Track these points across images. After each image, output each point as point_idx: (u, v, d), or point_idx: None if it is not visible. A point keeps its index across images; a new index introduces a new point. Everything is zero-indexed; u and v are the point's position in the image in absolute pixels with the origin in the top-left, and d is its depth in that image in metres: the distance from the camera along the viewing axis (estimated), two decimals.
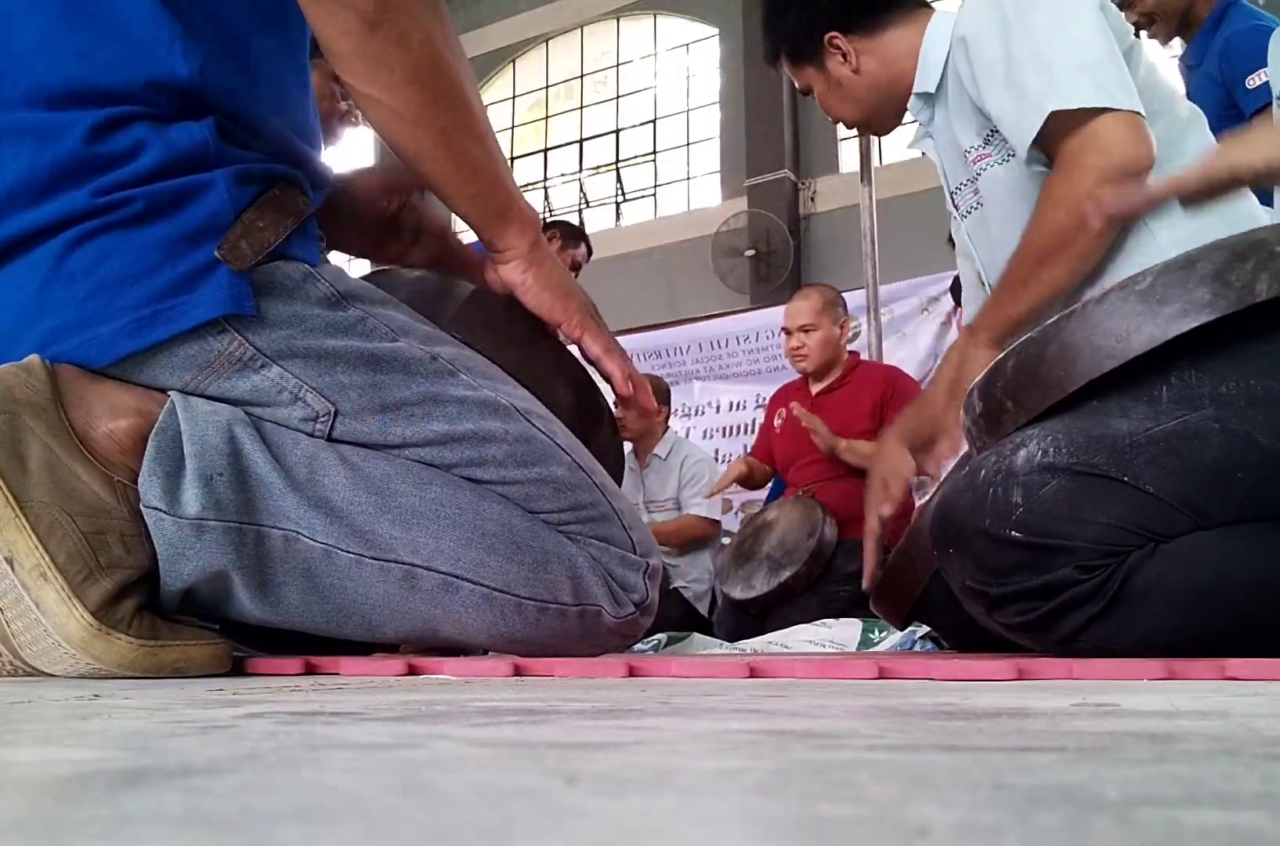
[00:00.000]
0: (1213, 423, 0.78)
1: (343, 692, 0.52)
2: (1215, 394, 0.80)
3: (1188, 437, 0.78)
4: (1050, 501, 0.79)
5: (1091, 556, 0.78)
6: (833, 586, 2.49)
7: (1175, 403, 0.80)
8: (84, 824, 0.17)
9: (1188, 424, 0.79)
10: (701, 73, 7.85)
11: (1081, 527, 0.78)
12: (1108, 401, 0.82)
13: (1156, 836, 0.16)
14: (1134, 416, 0.80)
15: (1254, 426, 0.78)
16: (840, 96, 1.41)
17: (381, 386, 0.80)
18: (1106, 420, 0.81)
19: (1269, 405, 0.79)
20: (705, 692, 0.50)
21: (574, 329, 0.94)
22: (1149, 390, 0.82)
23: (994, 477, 0.81)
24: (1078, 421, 0.82)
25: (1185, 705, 0.41)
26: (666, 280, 7.16)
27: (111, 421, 0.71)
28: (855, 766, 0.24)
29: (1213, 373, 0.81)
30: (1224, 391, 0.80)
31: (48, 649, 0.65)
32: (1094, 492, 0.78)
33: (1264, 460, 0.77)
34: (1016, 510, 0.79)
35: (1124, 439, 0.79)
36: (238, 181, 0.76)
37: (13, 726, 0.37)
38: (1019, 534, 0.79)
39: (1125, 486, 0.78)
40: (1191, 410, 0.79)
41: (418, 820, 0.18)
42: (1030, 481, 0.79)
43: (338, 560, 0.75)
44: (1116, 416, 0.81)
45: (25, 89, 0.75)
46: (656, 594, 0.89)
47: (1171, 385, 0.81)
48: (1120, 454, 0.78)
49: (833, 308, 2.88)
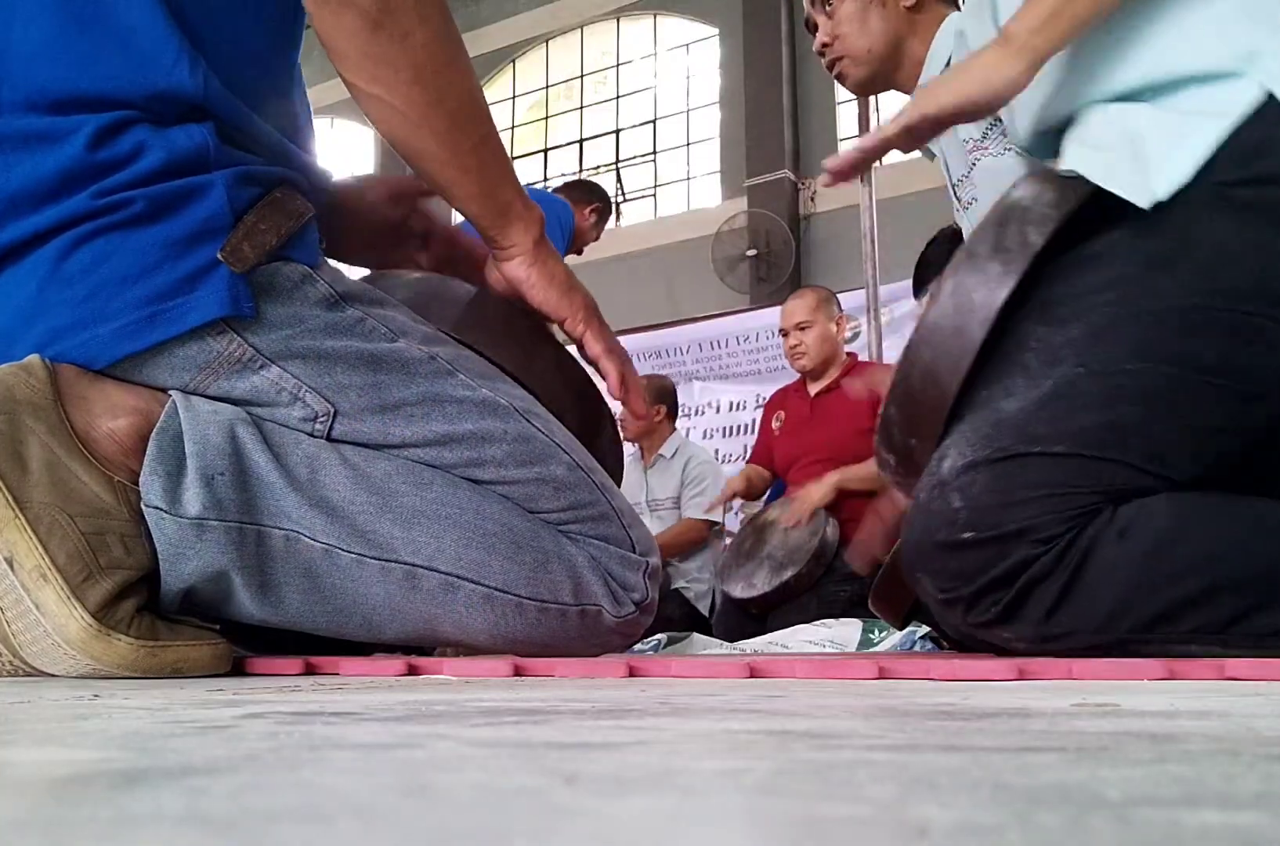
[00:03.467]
0: (1079, 369, 0.83)
1: (343, 692, 0.52)
2: (1069, 341, 0.84)
3: (1066, 392, 0.82)
4: (985, 494, 0.81)
5: (1042, 530, 0.79)
6: (833, 586, 2.49)
7: (1044, 364, 0.84)
8: (84, 824, 0.17)
9: (1061, 380, 0.83)
10: (701, 73, 7.84)
11: (1021, 508, 0.80)
12: (993, 388, 0.86)
13: (1156, 836, 0.16)
14: (1017, 392, 0.84)
15: (1112, 357, 0.82)
16: (868, 23, 1.39)
17: (381, 387, 0.80)
18: (998, 405, 0.84)
19: (1112, 332, 0.83)
20: (705, 692, 0.50)
21: (576, 326, 0.95)
22: (1019, 362, 0.86)
23: (932, 493, 0.84)
24: (977, 416, 0.85)
25: (1185, 705, 0.41)
26: (666, 280, 7.16)
27: (112, 421, 0.71)
28: (855, 766, 0.24)
29: (1057, 322, 0.85)
30: (1074, 335, 0.84)
31: (48, 649, 0.65)
32: (1017, 473, 0.81)
33: (1135, 384, 0.82)
34: (960, 513, 0.82)
35: (1019, 415, 0.83)
36: (237, 183, 0.77)
37: (13, 726, 0.37)
38: (970, 533, 0.81)
39: (1039, 457, 0.81)
40: (1059, 365, 0.83)
41: (418, 820, 0.18)
42: (962, 484, 0.82)
43: (338, 560, 0.75)
44: (1003, 398, 0.84)
45: (27, 93, 0.74)
46: (657, 593, 0.89)
47: (1033, 349, 0.85)
48: (1021, 429, 0.82)
49: (827, 305, 2.90)
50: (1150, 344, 0.82)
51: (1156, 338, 0.82)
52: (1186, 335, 0.82)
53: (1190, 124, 0.84)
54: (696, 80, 7.88)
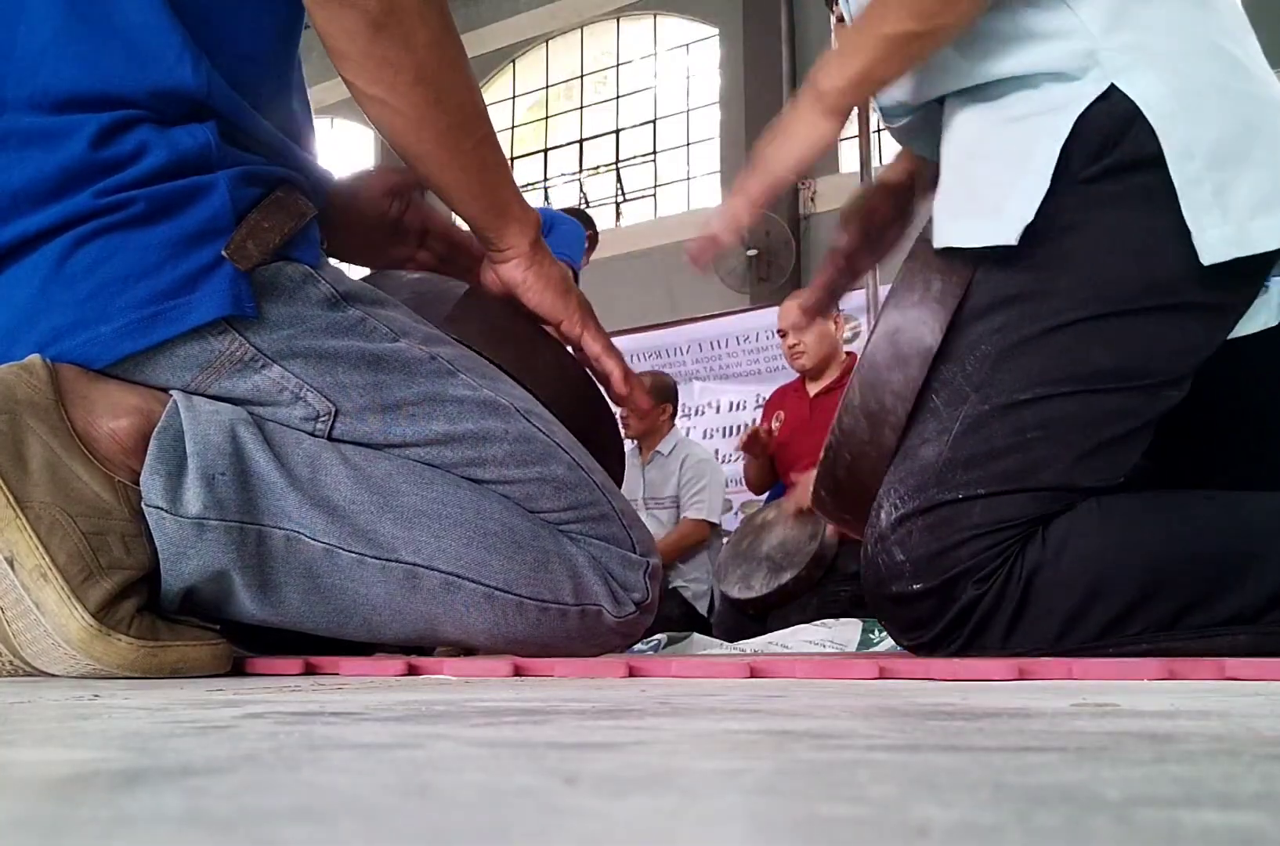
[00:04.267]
0: (982, 405, 0.84)
1: (343, 692, 0.52)
2: (967, 377, 0.86)
3: (975, 431, 0.84)
4: (922, 545, 0.84)
5: (982, 567, 0.82)
6: (832, 586, 2.49)
7: (949, 405, 0.86)
8: (84, 824, 0.17)
9: (967, 419, 0.85)
10: (701, 73, 7.84)
11: (958, 550, 0.82)
12: (910, 437, 0.88)
13: (1156, 836, 0.16)
14: (930, 437, 0.86)
15: (1010, 388, 0.84)
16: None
17: (382, 386, 0.80)
18: (917, 453, 0.86)
19: (1005, 361, 0.85)
20: (705, 692, 0.50)
21: (574, 327, 0.95)
22: (928, 406, 0.87)
23: (876, 546, 0.87)
24: (901, 466, 0.87)
25: (1185, 705, 0.41)
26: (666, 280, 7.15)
27: (113, 421, 0.71)
28: (855, 766, 0.24)
29: (954, 360, 0.87)
30: (970, 369, 0.86)
31: (48, 649, 0.65)
32: (947, 520, 0.83)
33: (1038, 411, 0.83)
34: (905, 566, 0.84)
35: (936, 462, 0.85)
36: (240, 183, 0.77)
37: (13, 726, 0.37)
38: (919, 585, 0.84)
39: (965, 502, 0.83)
40: (963, 404, 0.85)
41: (418, 820, 0.18)
42: (900, 537, 0.85)
43: (339, 560, 0.75)
44: (920, 446, 0.86)
45: (30, 92, 0.75)
46: (657, 593, 0.89)
47: (937, 390, 0.87)
48: (941, 476, 0.84)
49: None
50: (1043, 368, 0.83)
51: (1047, 361, 0.83)
52: (1079, 350, 0.83)
53: (1033, 130, 0.86)
54: (696, 80, 7.87)
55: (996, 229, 0.85)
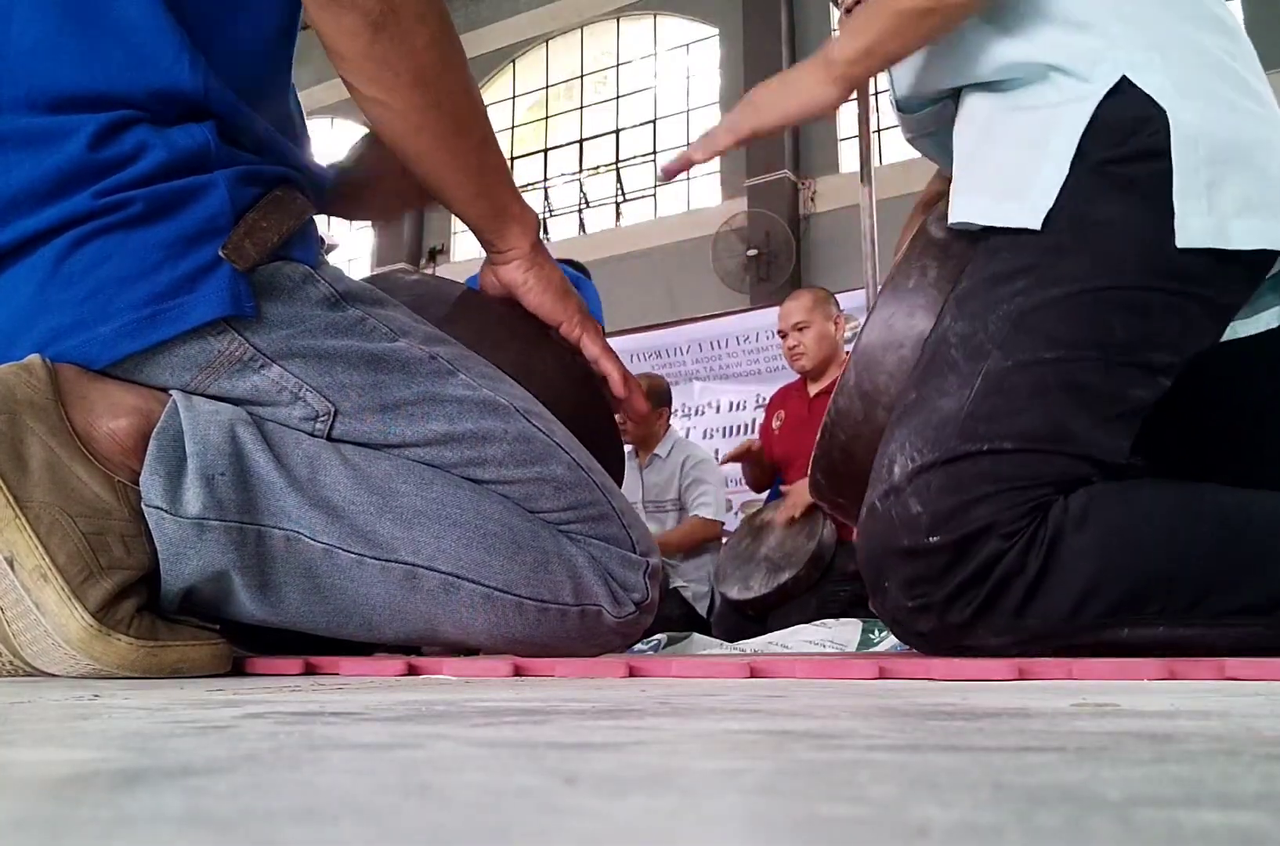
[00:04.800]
0: (1005, 362, 0.85)
1: (343, 692, 0.52)
2: (990, 335, 0.86)
3: (997, 387, 0.84)
4: (942, 497, 0.82)
5: (1005, 524, 0.81)
6: (832, 586, 2.49)
7: (969, 360, 0.86)
8: (84, 824, 0.17)
9: (990, 375, 0.85)
10: (701, 73, 7.84)
11: (980, 506, 0.81)
12: (924, 389, 0.87)
13: (1156, 836, 0.16)
14: (950, 390, 0.86)
15: (1033, 347, 0.85)
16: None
17: (381, 386, 0.80)
18: (935, 405, 0.86)
19: (1029, 320, 0.86)
20: (705, 692, 0.50)
21: (573, 329, 0.95)
22: (945, 360, 0.88)
23: (887, 500, 0.85)
24: (915, 418, 0.86)
25: (1185, 705, 0.41)
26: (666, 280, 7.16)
27: (113, 421, 0.71)
28: (855, 766, 0.24)
29: (975, 317, 0.88)
30: (994, 329, 0.86)
31: (48, 649, 0.65)
32: (970, 472, 0.83)
33: (1061, 372, 0.84)
34: (921, 517, 0.83)
35: (957, 414, 0.84)
36: (239, 183, 0.76)
37: (13, 726, 0.37)
38: (936, 537, 0.82)
39: (989, 454, 0.82)
40: (984, 360, 0.86)
41: (418, 820, 0.18)
42: (917, 488, 0.83)
43: (339, 560, 0.75)
44: (939, 398, 0.86)
45: (28, 92, 0.74)
46: (657, 593, 0.89)
47: (956, 346, 0.87)
48: (964, 428, 0.84)
49: (824, 305, 2.90)
50: (1066, 330, 0.85)
51: (1071, 323, 0.85)
52: (1099, 317, 0.85)
53: (1050, 119, 0.90)
54: (696, 80, 7.88)
55: (1019, 211, 0.88)
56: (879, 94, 6.38)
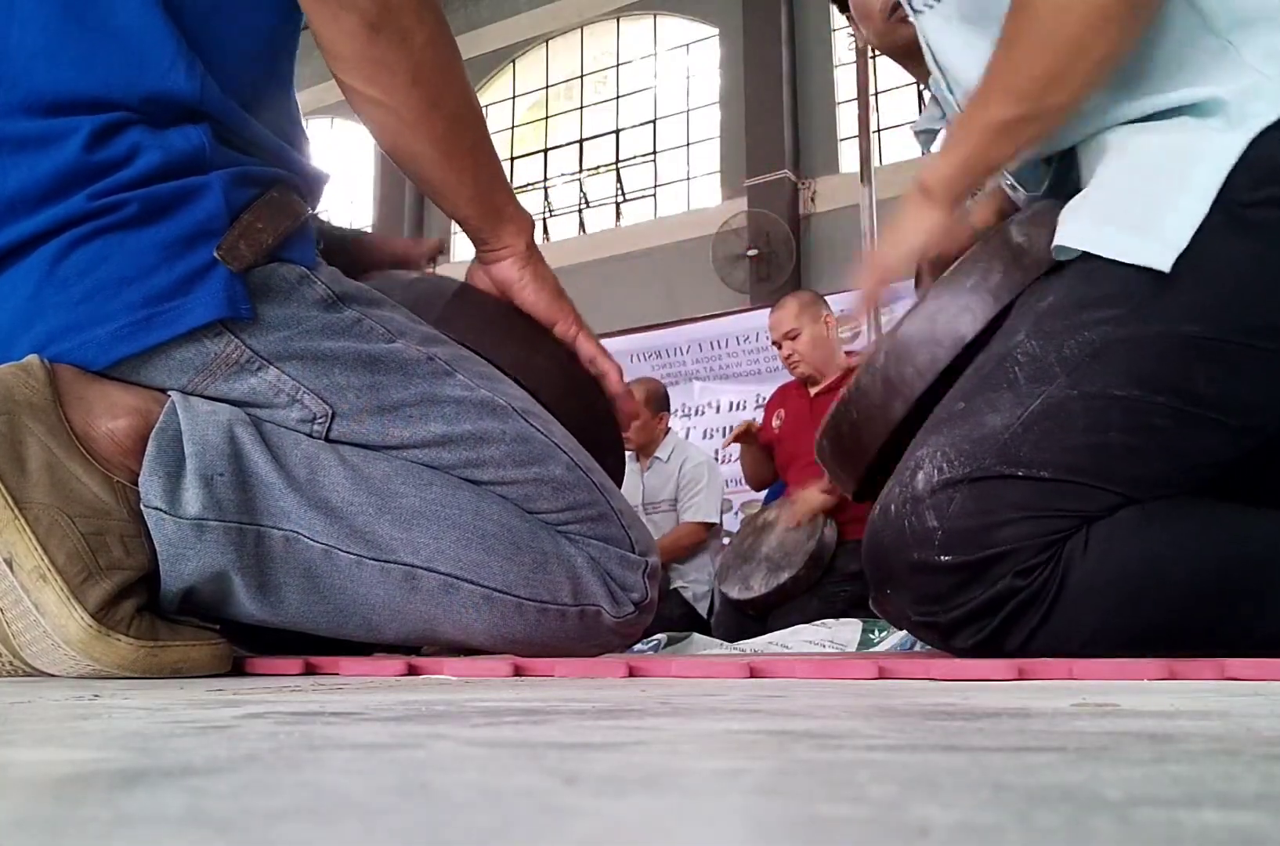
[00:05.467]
0: (1070, 390, 0.80)
1: (343, 692, 0.52)
2: (1061, 359, 0.81)
3: (1055, 413, 0.80)
4: (962, 516, 0.79)
5: (1025, 555, 0.77)
6: (832, 586, 2.49)
7: (1031, 380, 0.82)
8: (84, 824, 0.17)
9: (1050, 399, 0.80)
10: (701, 73, 7.84)
11: (1002, 531, 0.78)
12: (974, 401, 0.83)
13: (1156, 836, 0.16)
14: (1002, 407, 0.81)
15: (1105, 381, 0.80)
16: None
17: (379, 387, 0.80)
18: (980, 419, 0.82)
19: (1108, 353, 0.80)
20: (705, 692, 0.50)
21: (569, 329, 0.95)
22: (1005, 375, 0.83)
23: (904, 508, 0.81)
24: (956, 429, 0.82)
25: (1185, 705, 0.41)
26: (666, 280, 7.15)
27: (111, 421, 0.71)
28: (855, 766, 0.24)
29: (1051, 338, 0.83)
30: (1067, 353, 0.81)
31: (47, 649, 0.65)
32: (998, 494, 0.79)
33: (1127, 412, 0.79)
34: (936, 534, 0.79)
35: (1002, 433, 0.80)
36: (234, 184, 0.76)
37: (13, 726, 0.37)
38: (948, 557, 0.79)
39: (1023, 479, 0.79)
40: (1048, 383, 0.81)
41: (418, 820, 0.18)
42: (937, 502, 0.80)
43: (338, 561, 0.75)
44: (987, 413, 0.82)
45: (24, 95, 0.74)
46: (656, 593, 0.89)
47: (1021, 363, 0.83)
48: (1005, 449, 0.80)
49: (811, 307, 2.89)
50: (1147, 371, 0.79)
51: (1154, 365, 0.80)
52: (1186, 364, 0.80)
53: (1195, 150, 0.82)
54: (696, 80, 7.87)
55: (1145, 247, 0.81)
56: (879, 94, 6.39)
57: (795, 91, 7.16)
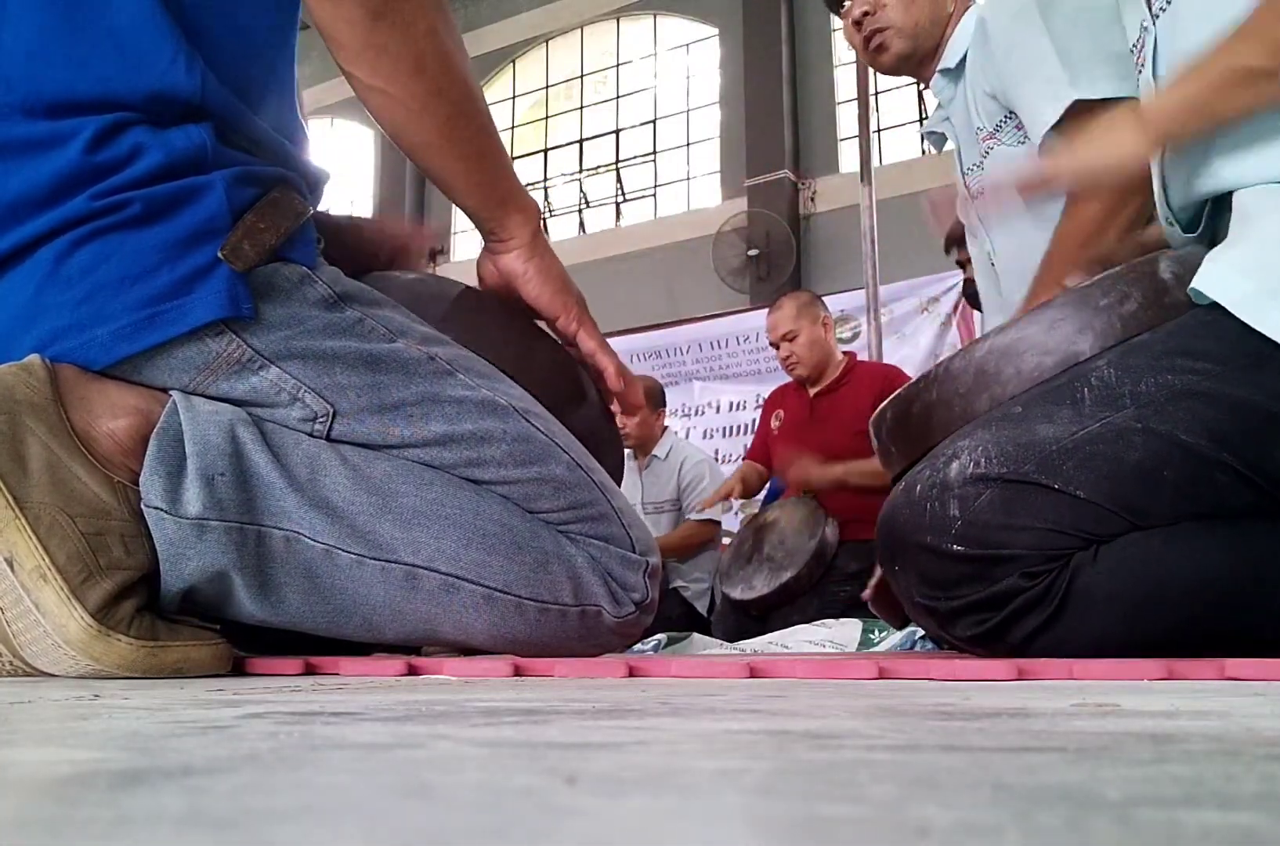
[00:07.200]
0: (1135, 423, 0.79)
1: (343, 692, 0.52)
2: (1135, 392, 0.81)
3: (1112, 440, 0.79)
4: (986, 512, 0.79)
5: (1034, 562, 0.78)
6: (833, 586, 2.49)
7: (1097, 404, 0.81)
8: (84, 824, 0.17)
9: (1111, 425, 0.80)
10: (701, 73, 7.85)
11: (1019, 535, 0.78)
12: (1031, 408, 0.83)
13: (1156, 836, 0.16)
14: (1059, 421, 0.81)
15: (1175, 424, 0.79)
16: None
17: (380, 387, 0.80)
18: (1033, 427, 0.81)
19: (1188, 400, 0.79)
20: (705, 692, 0.50)
21: (571, 322, 0.95)
22: (1071, 393, 0.82)
23: (930, 492, 0.82)
24: (1005, 430, 0.82)
25: (1185, 705, 0.41)
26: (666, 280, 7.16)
27: (112, 421, 0.71)
28: (855, 766, 0.24)
29: (1132, 371, 0.82)
30: (1144, 389, 0.81)
31: (48, 649, 0.65)
32: (1027, 501, 0.79)
33: (1187, 458, 0.78)
34: (955, 523, 0.80)
35: (1051, 445, 0.80)
36: (236, 184, 0.76)
37: (13, 726, 0.37)
38: (961, 547, 0.79)
39: (1057, 493, 0.79)
40: (1114, 411, 0.80)
41: (418, 820, 0.18)
42: (965, 493, 0.80)
43: (339, 561, 0.75)
44: (1042, 422, 0.81)
45: (23, 97, 0.74)
46: (657, 593, 0.89)
47: (1092, 386, 0.82)
48: (1049, 460, 0.79)
49: (808, 308, 2.89)
50: (1223, 428, 0.78)
51: (1230, 426, 0.79)
52: (1262, 436, 0.79)
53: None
54: (696, 80, 7.88)
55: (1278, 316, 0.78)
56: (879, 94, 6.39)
57: (795, 91, 7.17)
